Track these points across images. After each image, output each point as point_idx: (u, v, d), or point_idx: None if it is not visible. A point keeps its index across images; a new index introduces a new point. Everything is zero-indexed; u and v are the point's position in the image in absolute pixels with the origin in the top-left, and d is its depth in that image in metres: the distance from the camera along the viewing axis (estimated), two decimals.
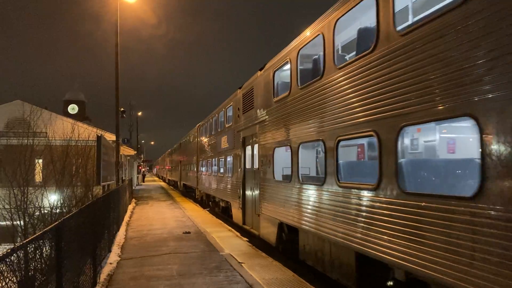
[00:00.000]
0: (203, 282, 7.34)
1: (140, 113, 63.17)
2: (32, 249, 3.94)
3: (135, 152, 43.53)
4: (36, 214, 12.88)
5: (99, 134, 13.79)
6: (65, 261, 4.82)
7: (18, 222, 12.57)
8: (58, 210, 13.05)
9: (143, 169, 72.88)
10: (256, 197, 11.51)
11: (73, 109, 57.06)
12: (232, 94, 15.19)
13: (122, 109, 34.24)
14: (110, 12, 19.50)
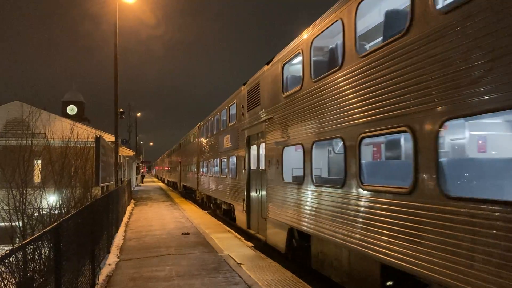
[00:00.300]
0: (202, 283, 7.35)
1: (139, 113, 63.46)
2: (30, 250, 3.94)
3: (134, 153, 43.53)
4: (34, 215, 12.84)
5: (98, 135, 13.77)
6: (63, 262, 4.83)
7: (17, 223, 12.53)
8: (57, 211, 13.02)
9: (143, 169, 72.83)
10: (262, 199, 10.82)
11: (72, 110, 56.96)
12: (235, 91, 14.52)
13: (121, 110, 34.27)
14: (109, 12, 19.54)
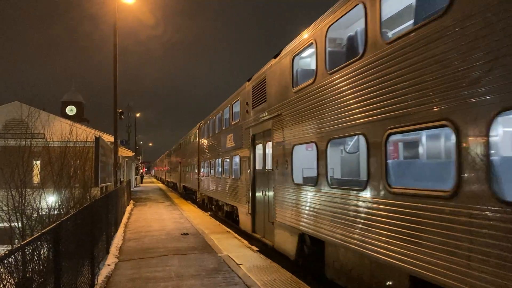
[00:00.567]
0: (201, 283, 7.35)
1: (138, 114, 63.42)
2: (30, 251, 3.94)
3: (133, 153, 43.53)
4: (34, 215, 12.84)
5: (97, 136, 13.79)
6: (63, 263, 4.83)
7: (16, 224, 12.53)
8: (56, 212, 13.02)
9: (141, 170, 72.80)
10: (269, 202, 10.22)
11: (71, 110, 57.00)
12: (239, 88, 13.87)
13: (121, 110, 34.30)
14: (108, 13, 19.57)
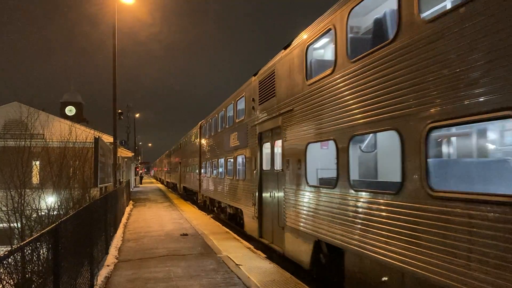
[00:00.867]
0: (201, 284, 7.35)
1: (138, 114, 63.35)
2: (29, 251, 3.95)
3: (133, 154, 43.52)
4: (33, 216, 12.84)
5: (97, 136, 13.76)
6: (62, 263, 4.82)
7: (15, 224, 12.54)
8: (55, 212, 13.02)
9: (141, 170, 72.83)
10: (278, 205, 9.50)
11: (70, 110, 56.94)
12: (243, 84, 13.06)
13: (120, 110, 34.27)
14: (108, 14, 19.56)
